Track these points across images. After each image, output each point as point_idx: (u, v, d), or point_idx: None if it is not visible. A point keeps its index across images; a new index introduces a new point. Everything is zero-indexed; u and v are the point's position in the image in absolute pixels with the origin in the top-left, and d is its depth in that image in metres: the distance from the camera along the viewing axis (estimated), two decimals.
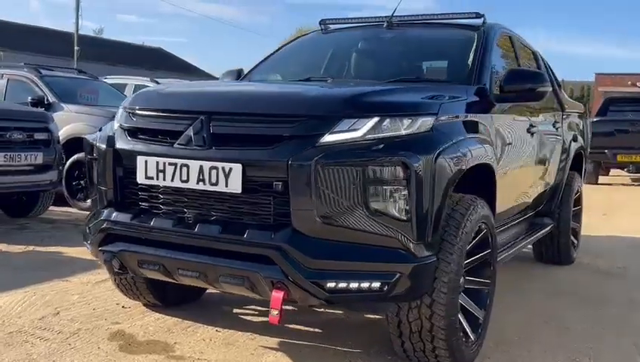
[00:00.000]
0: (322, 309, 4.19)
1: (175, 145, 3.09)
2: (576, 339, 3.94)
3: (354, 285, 2.88)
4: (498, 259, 4.38)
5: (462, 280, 3.36)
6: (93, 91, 10.57)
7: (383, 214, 2.87)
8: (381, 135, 2.95)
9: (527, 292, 5.02)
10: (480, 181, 3.70)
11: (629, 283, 5.46)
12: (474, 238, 3.38)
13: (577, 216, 6.33)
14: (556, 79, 6.17)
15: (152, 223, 3.14)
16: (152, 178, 3.11)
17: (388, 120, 3.00)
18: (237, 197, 2.96)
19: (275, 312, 2.89)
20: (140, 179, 3.16)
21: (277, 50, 5.09)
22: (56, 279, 4.76)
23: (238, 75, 4.80)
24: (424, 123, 3.08)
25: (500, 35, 4.69)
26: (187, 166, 3.01)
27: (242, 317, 4.07)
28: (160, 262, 3.14)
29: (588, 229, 8.38)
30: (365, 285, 2.89)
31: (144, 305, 4.17)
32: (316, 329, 3.91)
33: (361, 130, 2.93)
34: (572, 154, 5.94)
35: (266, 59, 4.97)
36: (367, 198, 2.85)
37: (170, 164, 3.06)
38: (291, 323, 3.96)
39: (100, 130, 3.54)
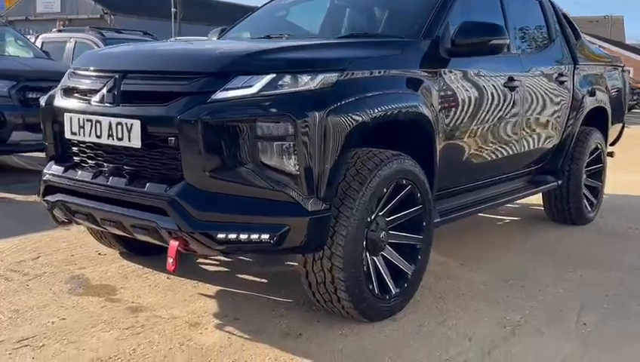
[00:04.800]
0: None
1: (92, 103, 3.29)
2: (524, 299, 3.87)
3: (244, 236, 2.99)
4: (479, 210, 4.41)
5: (382, 234, 3.42)
6: None
7: (271, 169, 2.95)
8: (277, 91, 3.02)
9: (513, 251, 4.91)
10: (419, 137, 3.70)
11: (626, 245, 5.21)
12: (393, 194, 3.40)
13: (597, 175, 6.04)
14: (575, 30, 5.86)
15: (77, 176, 3.39)
16: (75, 133, 3.35)
17: (288, 77, 3.06)
18: (139, 152, 3.13)
19: (170, 260, 3.07)
20: (67, 134, 3.40)
21: (262, 6, 5.17)
22: (58, 228, 5.15)
23: (221, 33, 4.95)
24: (326, 79, 3.11)
25: None
26: (100, 122, 3.21)
27: (201, 266, 4.27)
28: (87, 211, 3.37)
29: None
30: (255, 237, 3.00)
31: (120, 253, 4.46)
32: (262, 280, 4.06)
33: (255, 86, 3.00)
34: (586, 109, 5.66)
35: (247, 15, 5.08)
36: (255, 153, 2.94)
37: (87, 120, 3.27)
38: (243, 273, 4.14)
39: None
